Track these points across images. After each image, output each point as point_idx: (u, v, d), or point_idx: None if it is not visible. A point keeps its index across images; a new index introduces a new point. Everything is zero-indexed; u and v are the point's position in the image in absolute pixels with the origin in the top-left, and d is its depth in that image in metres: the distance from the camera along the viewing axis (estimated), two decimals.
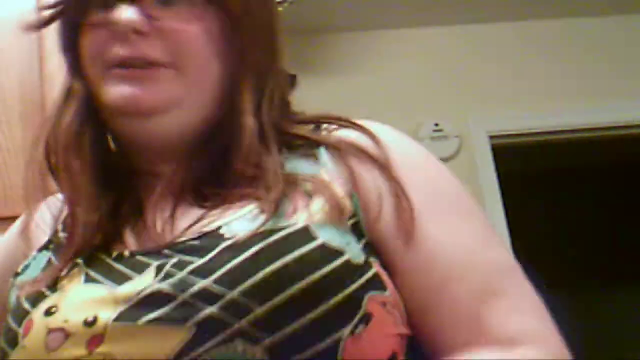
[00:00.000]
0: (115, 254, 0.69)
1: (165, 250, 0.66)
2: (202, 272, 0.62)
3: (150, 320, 0.60)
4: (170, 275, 0.62)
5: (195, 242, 0.65)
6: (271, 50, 0.79)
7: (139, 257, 0.67)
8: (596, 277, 4.55)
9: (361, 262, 0.65)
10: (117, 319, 0.61)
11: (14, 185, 1.50)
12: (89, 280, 0.67)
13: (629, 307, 4.55)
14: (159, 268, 0.64)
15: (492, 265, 0.68)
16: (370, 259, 0.67)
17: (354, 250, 0.65)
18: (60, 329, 0.63)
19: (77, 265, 0.69)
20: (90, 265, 0.69)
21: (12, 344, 0.66)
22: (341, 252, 0.64)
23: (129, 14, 0.71)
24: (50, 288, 0.68)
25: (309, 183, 0.69)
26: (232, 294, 0.60)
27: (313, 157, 0.73)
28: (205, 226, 0.67)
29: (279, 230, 0.64)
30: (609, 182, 4.68)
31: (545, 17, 3.20)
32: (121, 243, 0.72)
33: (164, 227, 0.71)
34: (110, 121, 0.76)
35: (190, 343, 0.59)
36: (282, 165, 0.72)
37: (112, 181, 0.76)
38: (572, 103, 3.13)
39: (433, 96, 3.09)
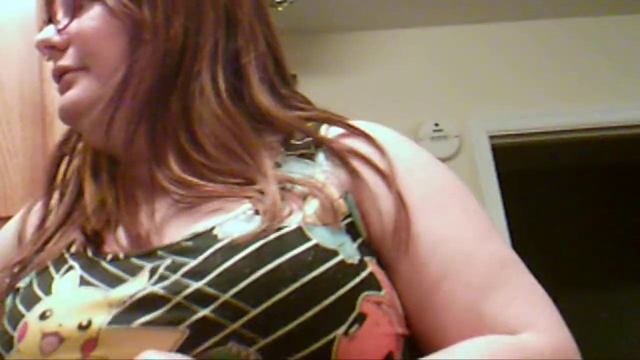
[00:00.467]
0: (109, 257, 0.69)
1: (159, 252, 0.66)
2: (195, 274, 0.61)
3: (144, 323, 0.60)
4: (163, 277, 0.62)
5: (188, 243, 0.65)
6: (204, 21, 0.76)
7: (133, 259, 0.67)
8: (596, 277, 4.54)
9: (355, 262, 0.65)
10: (111, 323, 0.61)
11: (14, 185, 1.50)
12: (84, 283, 0.67)
13: (629, 307, 4.55)
14: (153, 270, 0.64)
15: (492, 259, 0.68)
16: (365, 258, 0.67)
17: (348, 251, 0.65)
18: (55, 333, 0.62)
19: (72, 268, 0.69)
20: (85, 268, 0.69)
21: (8, 347, 0.66)
22: (335, 252, 0.64)
23: (43, 34, 0.78)
24: (45, 291, 0.68)
25: (304, 184, 0.69)
26: (225, 296, 0.60)
27: (310, 157, 0.73)
28: (199, 226, 0.67)
29: (272, 231, 0.64)
30: (609, 182, 4.68)
31: (545, 17, 3.20)
32: (116, 243, 0.72)
33: (158, 227, 0.70)
34: None
35: (185, 345, 0.59)
36: (278, 165, 0.72)
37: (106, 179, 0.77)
38: (572, 103, 3.13)
39: (433, 96, 3.09)
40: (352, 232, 0.68)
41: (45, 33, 0.78)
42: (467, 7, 3.10)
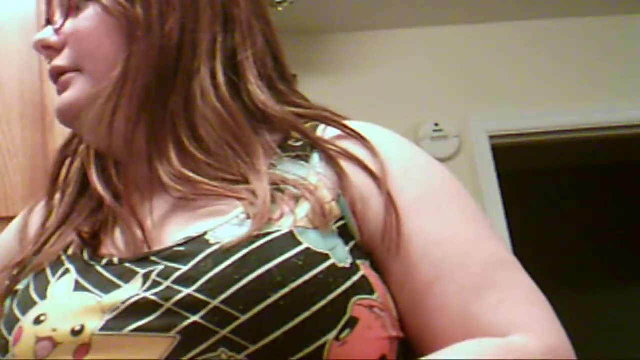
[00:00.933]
0: (104, 261, 0.69)
1: (153, 257, 0.66)
2: (186, 280, 0.61)
3: (135, 329, 0.60)
4: (156, 284, 0.62)
5: (181, 248, 0.65)
6: (200, 17, 0.76)
7: (127, 264, 0.67)
8: (596, 277, 4.55)
9: (347, 265, 0.64)
10: (103, 329, 0.61)
11: (14, 185, 1.50)
12: (78, 288, 0.67)
13: (629, 307, 4.55)
14: (146, 276, 0.64)
15: (486, 259, 0.67)
16: (358, 261, 0.66)
17: (339, 254, 0.65)
18: (49, 338, 0.63)
19: (68, 271, 0.69)
20: (80, 272, 0.69)
21: (3, 351, 0.66)
22: (326, 256, 0.63)
23: (41, 34, 0.79)
24: (41, 295, 0.68)
25: (297, 186, 0.68)
26: (215, 302, 0.59)
27: (305, 159, 0.73)
28: (192, 230, 0.67)
29: (263, 235, 0.63)
30: (609, 182, 4.68)
31: (546, 17, 3.20)
32: (112, 245, 0.72)
33: (154, 228, 0.71)
34: None
35: (175, 351, 0.59)
36: (273, 165, 0.72)
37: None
38: (572, 103, 3.13)
39: (433, 96, 3.09)
40: (345, 234, 0.67)
41: (43, 33, 0.78)
42: (467, 7, 3.10)
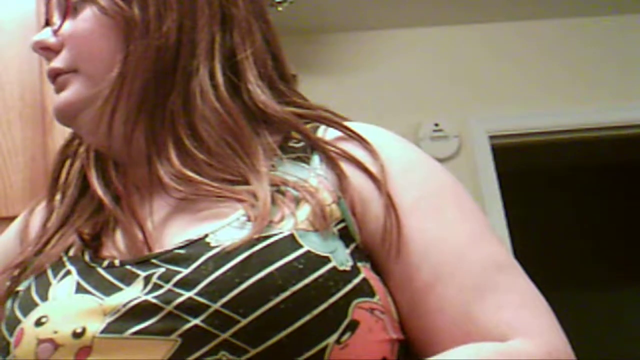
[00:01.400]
0: (105, 263, 0.69)
1: (153, 260, 0.65)
2: (186, 283, 0.61)
3: (136, 332, 0.60)
4: (157, 286, 0.62)
5: (181, 251, 0.65)
6: (196, 17, 0.75)
7: (129, 267, 0.67)
8: (596, 277, 4.54)
9: (348, 268, 0.64)
10: (105, 331, 0.61)
11: (14, 185, 1.50)
12: (80, 290, 0.67)
13: (629, 307, 4.55)
14: (147, 279, 0.63)
15: (486, 261, 0.67)
16: (358, 264, 0.66)
17: (340, 257, 0.64)
18: (50, 340, 0.63)
19: (70, 273, 0.69)
20: (81, 274, 0.69)
21: (5, 353, 0.66)
22: (327, 259, 0.63)
23: (39, 35, 0.79)
24: (42, 297, 0.68)
25: (297, 188, 0.68)
26: (216, 305, 0.59)
27: (305, 160, 0.72)
28: (192, 233, 0.67)
29: (264, 238, 0.63)
30: (608, 182, 4.68)
31: (546, 17, 3.20)
32: (113, 246, 0.72)
33: (155, 229, 0.71)
34: None
35: (176, 355, 0.59)
36: (273, 167, 0.72)
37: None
38: (572, 103, 3.13)
39: (433, 96, 3.09)
40: (346, 237, 0.67)
41: (41, 35, 0.79)
42: (467, 7, 3.10)
